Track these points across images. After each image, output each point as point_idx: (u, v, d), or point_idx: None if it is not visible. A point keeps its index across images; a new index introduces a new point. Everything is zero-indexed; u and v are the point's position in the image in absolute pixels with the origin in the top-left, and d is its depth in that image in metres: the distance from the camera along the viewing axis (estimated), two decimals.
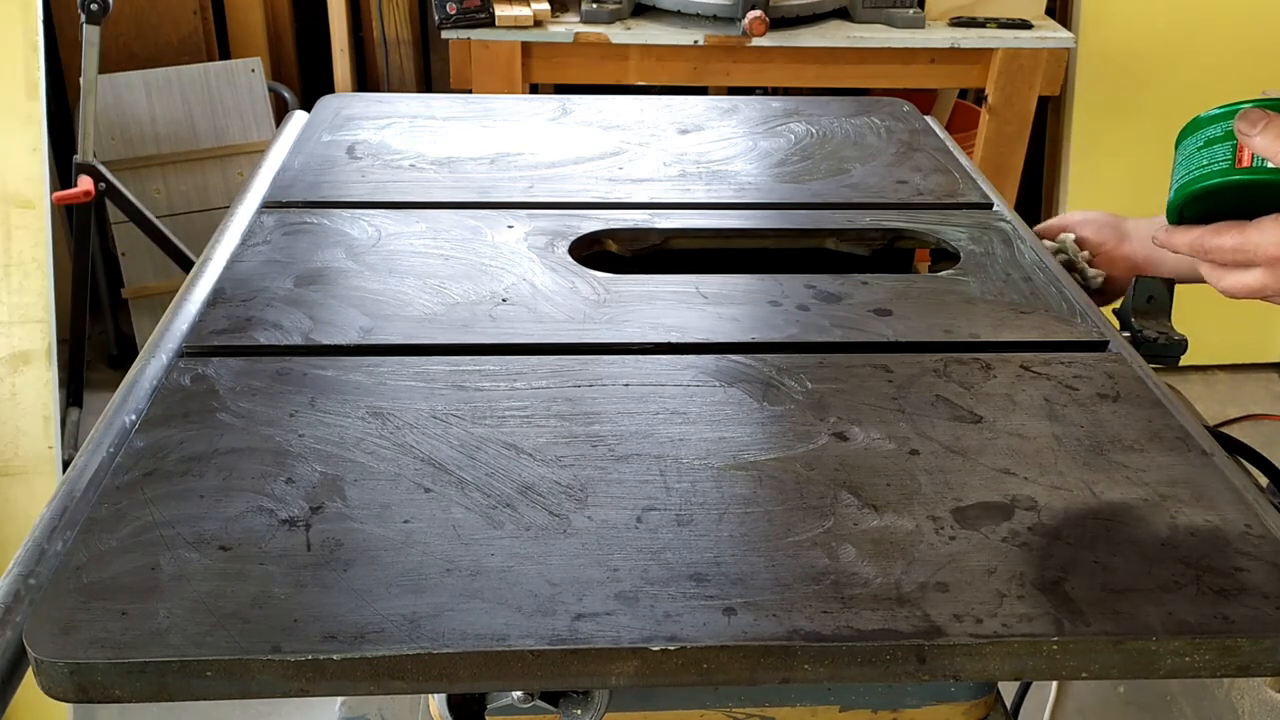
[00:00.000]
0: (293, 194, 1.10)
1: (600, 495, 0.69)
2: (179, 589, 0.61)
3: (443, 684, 0.60)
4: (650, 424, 0.77)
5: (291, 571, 0.62)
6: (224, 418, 0.76)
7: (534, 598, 0.61)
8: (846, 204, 1.12)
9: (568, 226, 1.05)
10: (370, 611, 0.60)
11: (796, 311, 0.92)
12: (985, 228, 1.08)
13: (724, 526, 0.67)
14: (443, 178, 1.16)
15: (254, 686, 0.58)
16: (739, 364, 0.84)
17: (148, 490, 0.68)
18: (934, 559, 0.65)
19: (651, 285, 0.96)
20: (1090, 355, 0.87)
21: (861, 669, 0.60)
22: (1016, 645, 0.60)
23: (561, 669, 0.59)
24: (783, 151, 1.25)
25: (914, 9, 2.17)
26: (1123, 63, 2.47)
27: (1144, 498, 0.71)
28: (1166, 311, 1.01)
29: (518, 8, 2.07)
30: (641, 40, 2.09)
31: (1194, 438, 0.77)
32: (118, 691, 0.58)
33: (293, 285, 0.93)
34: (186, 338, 0.86)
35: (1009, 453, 0.75)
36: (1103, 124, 2.52)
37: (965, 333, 0.90)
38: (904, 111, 1.38)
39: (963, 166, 1.23)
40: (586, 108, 1.35)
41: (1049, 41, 2.19)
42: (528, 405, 0.78)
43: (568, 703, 0.73)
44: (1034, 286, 0.97)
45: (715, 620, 0.60)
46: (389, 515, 0.67)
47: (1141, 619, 0.61)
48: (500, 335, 0.87)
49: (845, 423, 0.78)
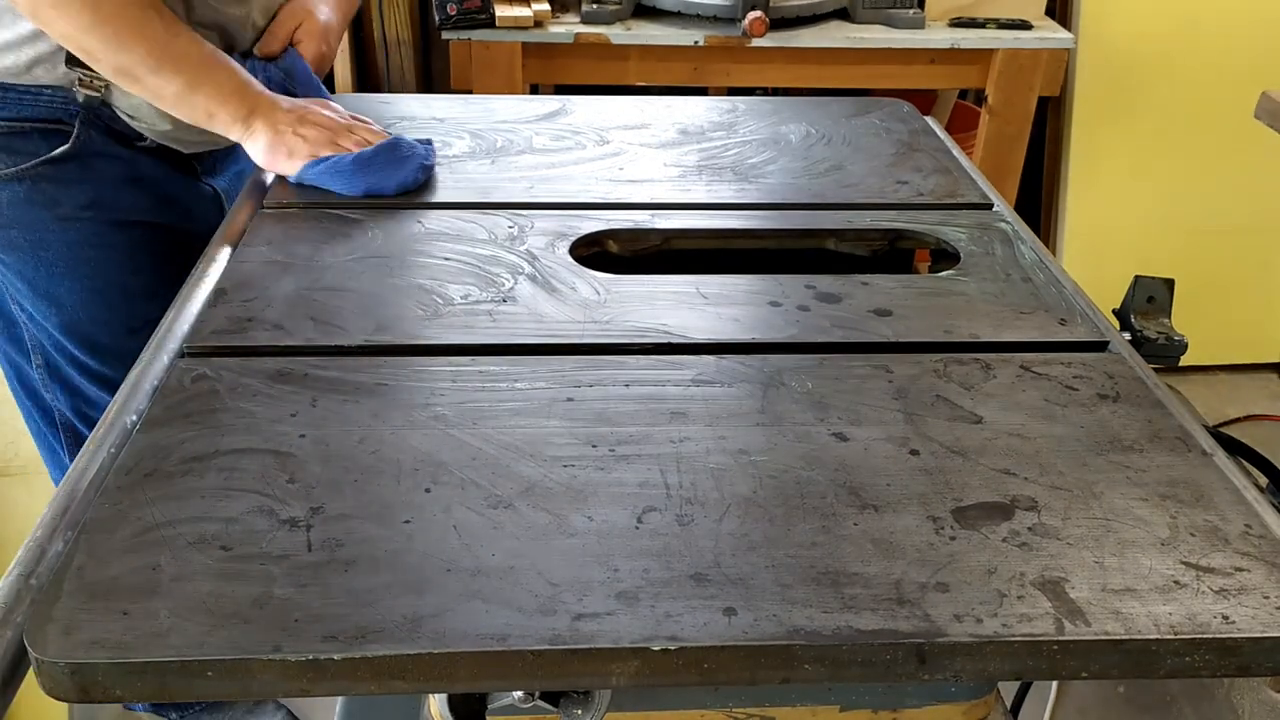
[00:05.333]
0: (294, 195, 1.11)
1: (600, 495, 0.69)
2: (180, 589, 0.61)
3: (443, 684, 0.60)
4: (650, 424, 0.77)
5: (292, 571, 0.62)
6: (225, 418, 0.76)
7: (534, 598, 0.61)
8: (846, 204, 1.12)
9: (568, 227, 1.05)
10: (371, 611, 0.60)
11: (797, 312, 0.92)
12: (985, 228, 1.08)
13: (724, 526, 0.67)
14: (443, 178, 1.16)
15: (255, 686, 0.58)
16: (739, 364, 0.84)
17: (149, 490, 0.69)
18: (934, 559, 0.65)
19: (652, 285, 0.96)
20: (1090, 355, 0.87)
21: (861, 669, 0.60)
22: (1016, 645, 0.60)
23: (562, 669, 0.59)
24: (783, 152, 1.25)
25: (914, 9, 2.17)
26: (1123, 63, 2.47)
27: (1144, 498, 0.71)
28: (1166, 311, 1.01)
29: (518, 8, 2.07)
30: (641, 40, 2.09)
31: (1194, 438, 0.77)
32: (119, 691, 0.58)
33: (294, 286, 0.93)
34: (188, 338, 0.86)
35: (1009, 453, 0.75)
36: (1103, 124, 2.52)
37: (965, 333, 0.90)
38: (904, 112, 1.38)
39: (963, 167, 1.23)
40: (587, 108, 1.35)
41: (1049, 42, 2.19)
42: (528, 405, 0.78)
43: (568, 703, 0.73)
44: (1034, 287, 0.97)
45: (715, 620, 0.60)
46: (389, 515, 0.67)
47: (1141, 619, 0.61)
48: (500, 335, 0.87)
49: (845, 423, 0.78)
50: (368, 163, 1.11)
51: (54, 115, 1.15)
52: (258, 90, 1.13)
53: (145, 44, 1.07)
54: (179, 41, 1.09)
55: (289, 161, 1.11)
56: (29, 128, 1.15)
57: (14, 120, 1.14)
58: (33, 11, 1.06)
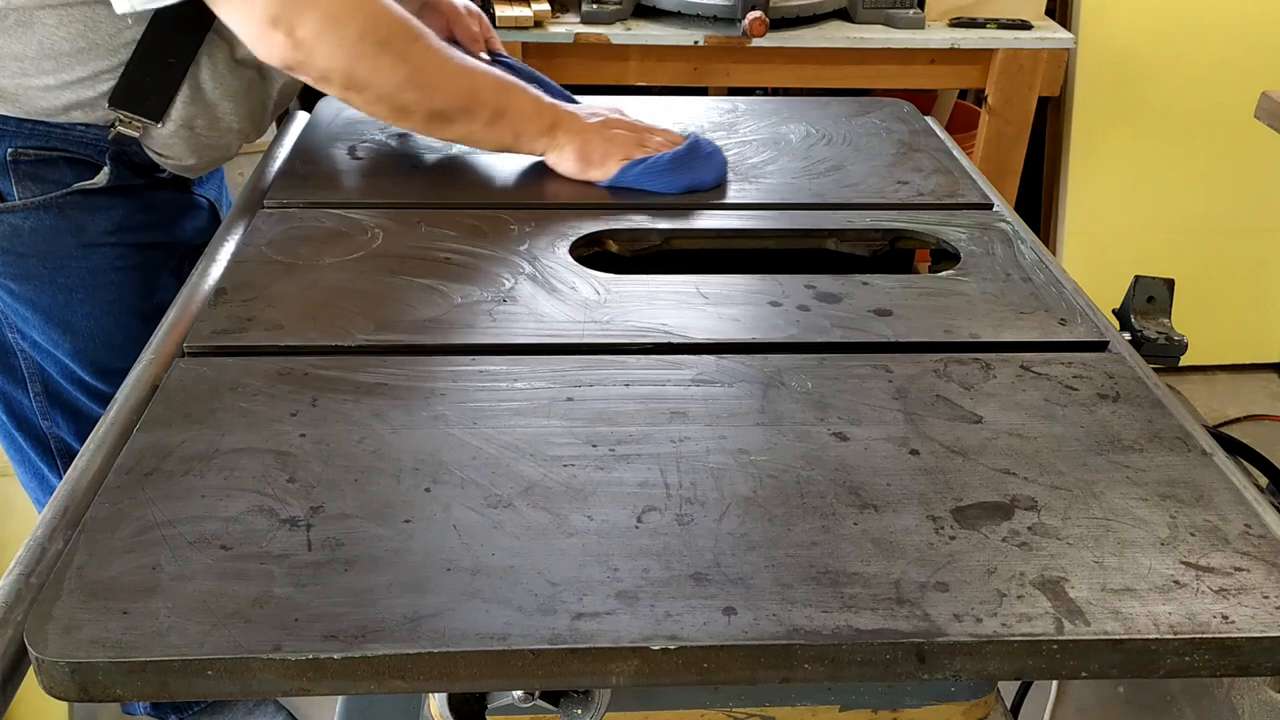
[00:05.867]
0: (294, 194, 1.11)
1: (600, 495, 0.69)
2: (180, 588, 0.61)
3: (443, 684, 0.60)
4: (650, 424, 0.77)
5: (292, 571, 0.62)
6: (225, 417, 0.76)
7: (534, 597, 0.61)
8: (846, 204, 1.12)
9: (568, 226, 1.05)
10: (371, 611, 0.60)
11: (797, 312, 0.92)
12: (985, 228, 1.08)
13: (724, 526, 0.67)
14: (443, 178, 1.16)
15: (255, 686, 0.58)
16: (739, 364, 0.84)
17: (149, 490, 0.69)
18: (934, 559, 0.65)
19: (652, 285, 0.96)
20: (1090, 355, 0.87)
21: (861, 669, 0.60)
22: (1016, 645, 0.60)
23: (562, 668, 0.59)
24: (783, 152, 1.25)
25: (914, 9, 2.17)
26: (1123, 63, 2.47)
27: (1144, 498, 0.71)
28: (1166, 311, 1.01)
29: (518, 8, 2.07)
30: (642, 40, 2.09)
31: (1194, 438, 0.77)
32: (119, 691, 0.58)
33: (294, 286, 0.93)
34: (188, 337, 0.86)
35: (1009, 453, 0.75)
36: (1103, 124, 2.52)
37: (965, 333, 0.90)
38: (904, 112, 1.38)
39: (963, 167, 1.23)
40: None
41: (1049, 42, 2.19)
42: (528, 405, 0.78)
43: (568, 702, 0.73)
44: (1034, 287, 0.97)
45: (715, 620, 0.60)
46: (389, 515, 0.67)
47: (1141, 619, 0.61)
48: (500, 335, 0.87)
49: (845, 423, 0.78)
50: (684, 161, 1.14)
51: (83, 150, 1.15)
52: (550, 102, 1.15)
53: (451, 83, 1.08)
54: (471, 71, 1.10)
55: (601, 168, 1.13)
56: (57, 156, 1.14)
57: (43, 149, 1.13)
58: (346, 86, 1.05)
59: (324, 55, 1.02)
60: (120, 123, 1.13)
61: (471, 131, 1.12)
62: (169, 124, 1.15)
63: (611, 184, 1.13)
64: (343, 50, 1.02)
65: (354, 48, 1.02)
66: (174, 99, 1.14)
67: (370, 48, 1.03)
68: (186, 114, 1.15)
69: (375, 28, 1.03)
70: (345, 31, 1.01)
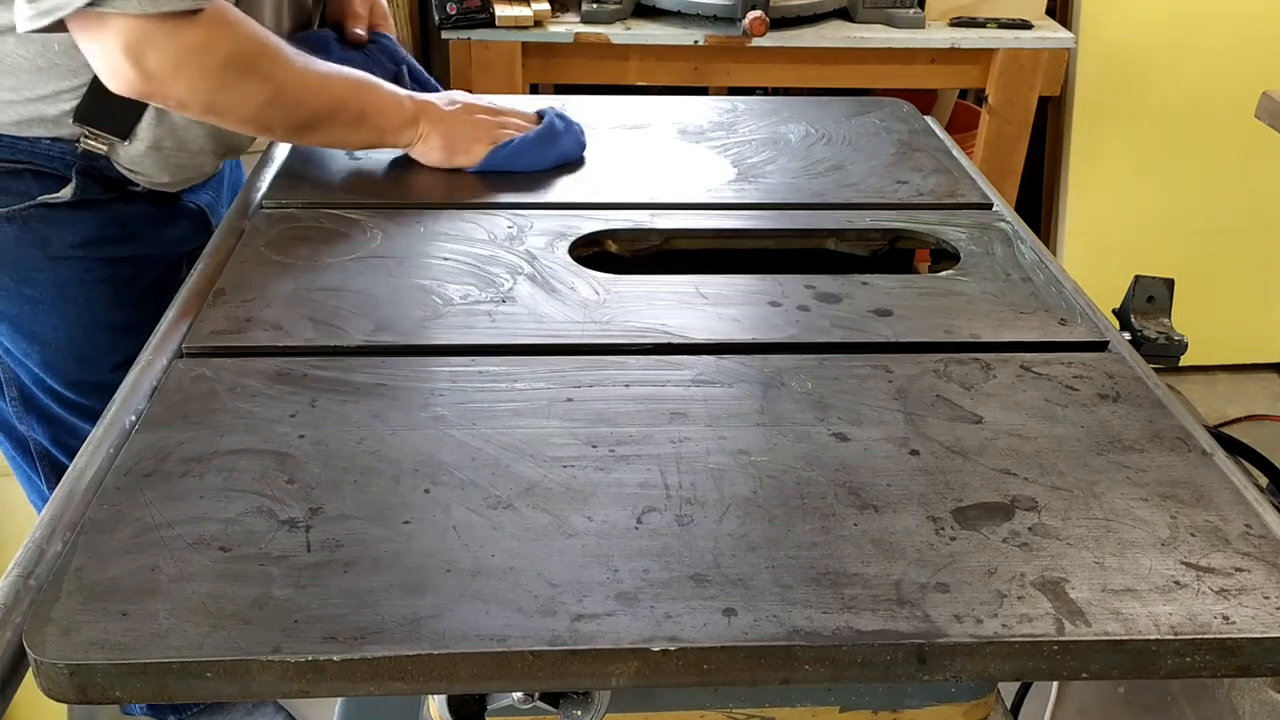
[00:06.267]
0: (293, 195, 1.10)
1: (600, 496, 0.69)
2: (179, 590, 0.61)
3: (443, 685, 0.60)
4: (650, 424, 0.77)
5: (292, 572, 0.62)
6: (224, 418, 0.76)
7: (534, 598, 0.61)
8: (846, 204, 1.12)
9: (568, 227, 1.05)
10: (370, 612, 0.60)
11: (797, 312, 0.92)
12: (985, 228, 1.08)
13: (724, 527, 0.67)
14: (443, 178, 1.15)
15: (254, 687, 0.58)
16: (739, 364, 0.84)
17: (148, 491, 0.68)
18: (934, 559, 0.65)
19: (652, 285, 0.95)
20: (1090, 355, 0.87)
21: (861, 669, 0.60)
22: (1016, 645, 0.60)
23: (561, 670, 0.59)
24: (783, 152, 1.25)
25: (914, 9, 2.17)
26: (1123, 63, 2.47)
27: (1144, 498, 0.71)
28: (1166, 311, 1.01)
29: (518, 8, 2.07)
30: (642, 40, 2.09)
31: (1194, 438, 0.77)
32: (118, 692, 0.58)
33: (293, 286, 0.93)
34: (186, 338, 0.86)
35: (1009, 453, 0.75)
36: (1103, 124, 2.52)
37: (965, 333, 0.90)
38: (904, 111, 1.38)
39: (962, 166, 1.23)
40: (586, 108, 1.35)
41: (1049, 42, 2.19)
42: (528, 406, 0.78)
43: (568, 703, 0.72)
44: (1034, 287, 0.97)
45: (715, 621, 0.60)
46: (389, 516, 0.67)
47: (1142, 619, 0.61)
48: (500, 336, 0.87)
49: (845, 423, 0.77)
50: (548, 137, 1.17)
51: (49, 164, 1.13)
52: (406, 94, 1.15)
53: (312, 95, 1.07)
54: (330, 78, 1.09)
55: (467, 154, 1.15)
56: (22, 169, 1.12)
57: (7, 161, 1.11)
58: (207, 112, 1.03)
59: (183, 86, 0.99)
60: (86, 138, 1.12)
61: (336, 136, 1.12)
62: (137, 144, 1.13)
63: (480, 169, 1.15)
64: (205, 81, 1.00)
65: (217, 78, 1.00)
66: (140, 119, 1.12)
67: (233, 76, 1.00)
68: (154, 135, 1.14)
69: (239, 55, 1.00)
70: (207, 62, 0.99)
